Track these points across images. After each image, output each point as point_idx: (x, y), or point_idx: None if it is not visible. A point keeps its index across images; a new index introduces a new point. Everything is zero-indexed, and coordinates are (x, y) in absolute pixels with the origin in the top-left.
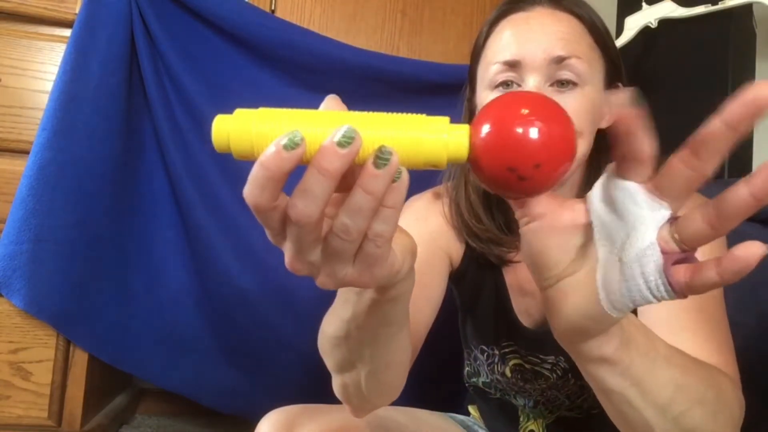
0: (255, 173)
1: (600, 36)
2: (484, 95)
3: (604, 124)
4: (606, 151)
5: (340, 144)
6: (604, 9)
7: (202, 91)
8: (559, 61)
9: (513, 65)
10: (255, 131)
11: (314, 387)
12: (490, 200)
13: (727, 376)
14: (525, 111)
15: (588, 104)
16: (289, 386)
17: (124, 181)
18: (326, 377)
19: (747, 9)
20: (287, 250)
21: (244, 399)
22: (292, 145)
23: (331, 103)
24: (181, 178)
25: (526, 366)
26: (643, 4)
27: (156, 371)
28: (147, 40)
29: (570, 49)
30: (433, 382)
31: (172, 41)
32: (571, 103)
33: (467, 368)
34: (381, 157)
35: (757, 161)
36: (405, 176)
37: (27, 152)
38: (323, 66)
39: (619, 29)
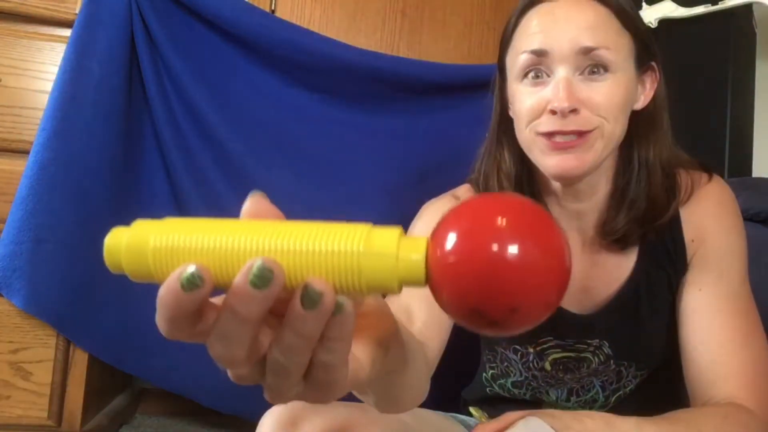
0: (158, 308)
1: (628, 18)
2: (514, 86)
3: (638, 106)
4: (639, 133)
5: (254, 285)
6: None
7: (202, 91)
8: (587, 52)
9: (540, 54)
10: (152, 255)
11: None
12: (523, 190)
13: (737, 418)
14: (501, 230)
15: (620, 90)
16: None
17: (124, 181)
18: None
19: (747, 9)
20: (226, 368)
21: (244, 399)
22: (190, 286)
23: (256, 205)
24: (181, 178)
25: (571, 355)
26: (643, 4)
27: (156, 371)
28: (147, 40)
29: (597, 39)
30: (437, 382)
31: (173, 41)
32: (603, 89)
33: (491, 371)
34: (308, 297)
35: (757, 161)
36: (348, 308)
37: (27, 152)
38: (323, 66)
39: None
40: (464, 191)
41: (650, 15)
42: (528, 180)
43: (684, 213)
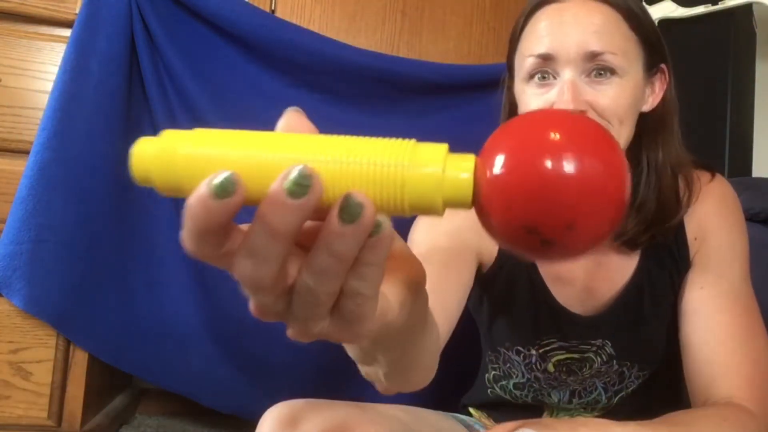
0: (185, 222)
1: (637, 22)
2: (520, 87)
3: (646, 108)
4: (648, 135)
5: (290, 192)
6: None
7: (202, 91)
8: (593, 56)
9: (547, 58)
10: (182, 163)
11: (314, 386)
12: None
13: (737, 419)
14: (556, 140)
15: (626, 93)
16: (289, 386)
17: (124, 181)
18: (326, 377)
19: (747, 9)
20: (249, 295)
21: (244, 399)
22: (222, 193)
23: (292, 119)
24: None
25: (575, 356)
26: (643, 4)
27: (156, 371)
28: (147, 40)
29: (604, 43)
30: (437, 382)
31: (172, 41)
32: (609, 92)
33: (493, 372)
34: (348, 210)
35: (757, 161)
36: (386, 227)
37: (27, 152)
38: (323, 66)
39: None
40: None
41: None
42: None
43: (687, 212)
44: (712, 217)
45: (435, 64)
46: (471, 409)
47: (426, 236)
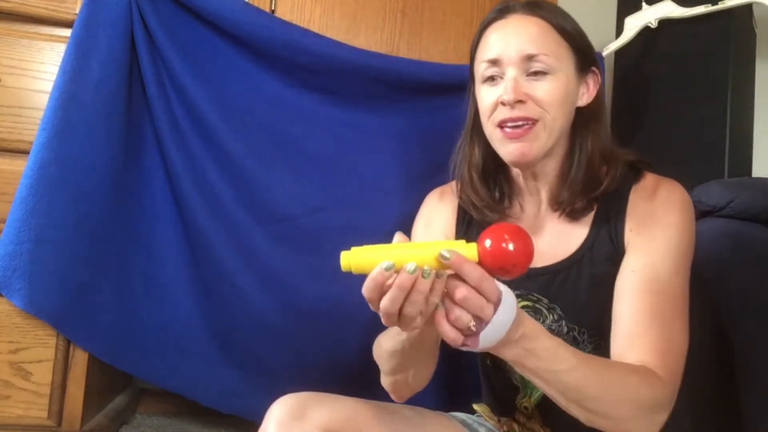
0: (368, 283)
1: (566, 33)
2: (477, 88)
3: (582, 103)
4: (582, 125)
5: (408, 272)
6: (604, 9)
7: (202, 91)
8: (530, 57)
9: (495, 62)
10: (365, 260)
11: (314, 386)
12: (489, 176)
13: (647, 375)
14: (506, 236)
15: (559, 87)
16: (289, 386)
17: (124, 181)
18: (325, 376)
19: (747, 9)
20: (383, 315)
21: (244, 399)
22: (388, 268)
23: (401, 237)
24: (180, 177)
25: (528, 304)
26: (643, 4)
27: (156, 371)
28: (147, 40)
29: (538, 47)
30: (438, 383)
31: (172, 41)
32: (544, 86)
33: None
34: (425, 273)
35: (757, 161)
36: (444, 276)
37: (27, 152)
38: (323, 66)
39: (619, 29)
40: (450, 186)
41: (650, 15)
42: (496, 167)
43: (631, 204)
44: (652, 212)
45: (435, 64)
46: (476, 406)
47: (423, 237)
